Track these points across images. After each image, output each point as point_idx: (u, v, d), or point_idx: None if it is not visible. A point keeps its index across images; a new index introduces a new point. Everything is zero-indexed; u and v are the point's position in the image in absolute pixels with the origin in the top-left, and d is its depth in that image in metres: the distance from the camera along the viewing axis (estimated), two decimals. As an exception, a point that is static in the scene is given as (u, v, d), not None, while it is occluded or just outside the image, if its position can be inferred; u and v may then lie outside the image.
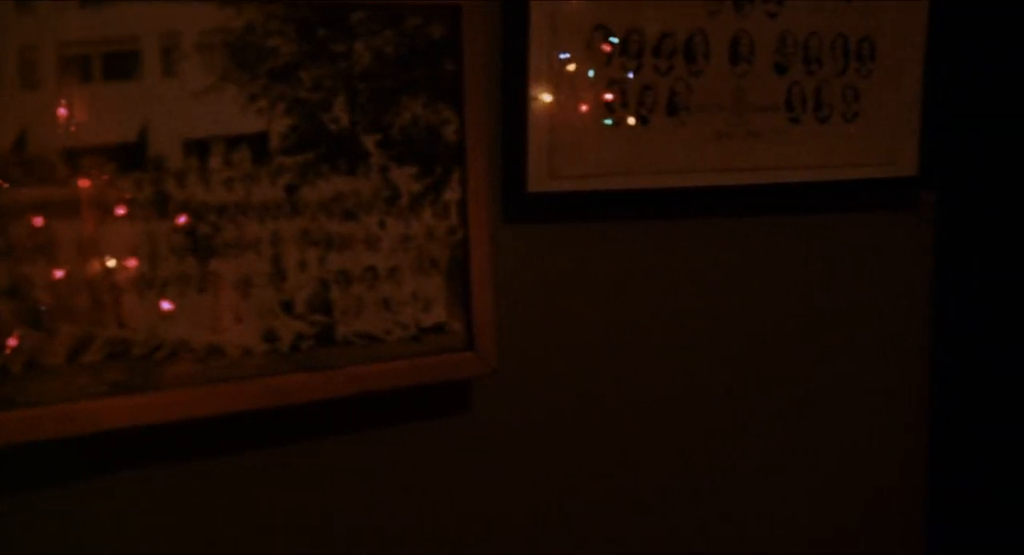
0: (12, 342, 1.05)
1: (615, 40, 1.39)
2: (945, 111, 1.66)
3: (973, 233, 1.71)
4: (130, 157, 1.10)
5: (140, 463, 1.16)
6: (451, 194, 1.29)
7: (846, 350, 1.67)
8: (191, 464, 1.19)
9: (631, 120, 1.42)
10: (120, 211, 1.10)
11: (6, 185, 1.04)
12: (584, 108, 1.38)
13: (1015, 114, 1.66)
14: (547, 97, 1.35)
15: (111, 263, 1.10)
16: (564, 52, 1.36)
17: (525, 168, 1.35)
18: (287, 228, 1.19)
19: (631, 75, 1.41)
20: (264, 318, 1.19)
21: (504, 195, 1.35)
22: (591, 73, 1.38)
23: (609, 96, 1.39)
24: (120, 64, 1.10)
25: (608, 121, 1.40)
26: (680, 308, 1.51)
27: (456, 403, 1.35)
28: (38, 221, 1.05)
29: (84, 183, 1.08)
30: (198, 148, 1.14)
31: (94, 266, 1.09)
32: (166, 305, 1.13)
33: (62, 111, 1.07)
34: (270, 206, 1.18)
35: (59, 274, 1.07)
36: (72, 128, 1.07)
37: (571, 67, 1.36)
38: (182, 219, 1.13)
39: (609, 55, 1.39)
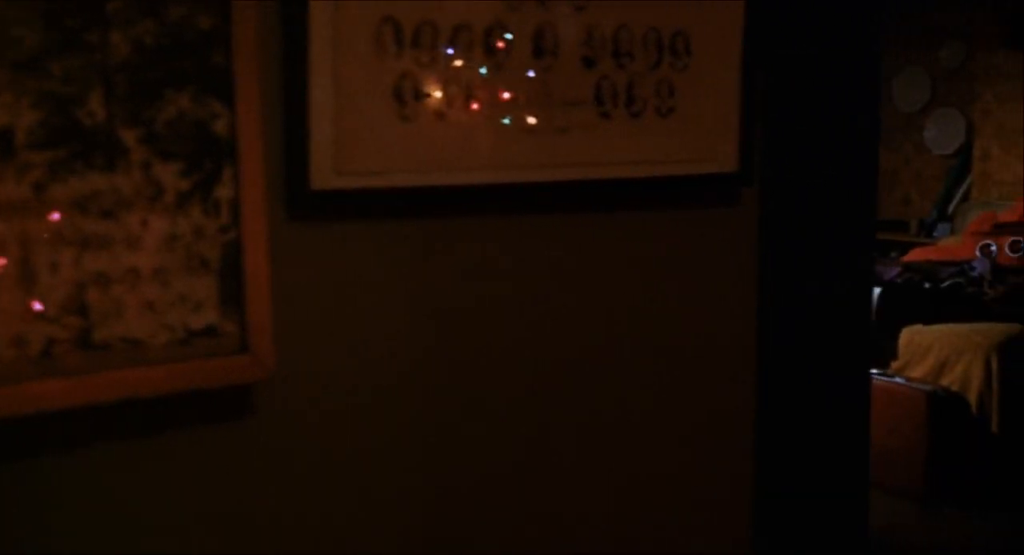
0: None
1: (408, 33, 1.35)
2: (768, 106, 1.65)
3: (796, 229, 1.70)
4: None
5: None
6: (223, 191, 1.24)
7: (669, 348, 1.64)
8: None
9: (427, 115, 1.38)
10: None
11: None
12: (373, 102, 1.34)
13: (832, 110, 1.65)
14: (331, 91, 1.30)
15: None
16: (349, 44, 1.31)
17: (307, 165, 1.30)
18: (36, 228, 1.14)
19: (426, 68, 1.37)
20: (10, 322, 1.13)
21: (287, 193, 1.31)
22: (381, 66, 1.34)
23: (402, 90, 1.35)
24: None
25: (401, 116, 1.36)
26: (485, 308, 1.48)
27: (238, 408, 1.30)
28: None
29: None
30: (-69, 144, 1.08)
31: None
32: None
33: None
34: (16, 205, 1.13)
35: None
36: None
37: (358, 60, 1.32)
38: (-86, 218, 1.07)
39: (401, 48, 1.35)
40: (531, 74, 1.45)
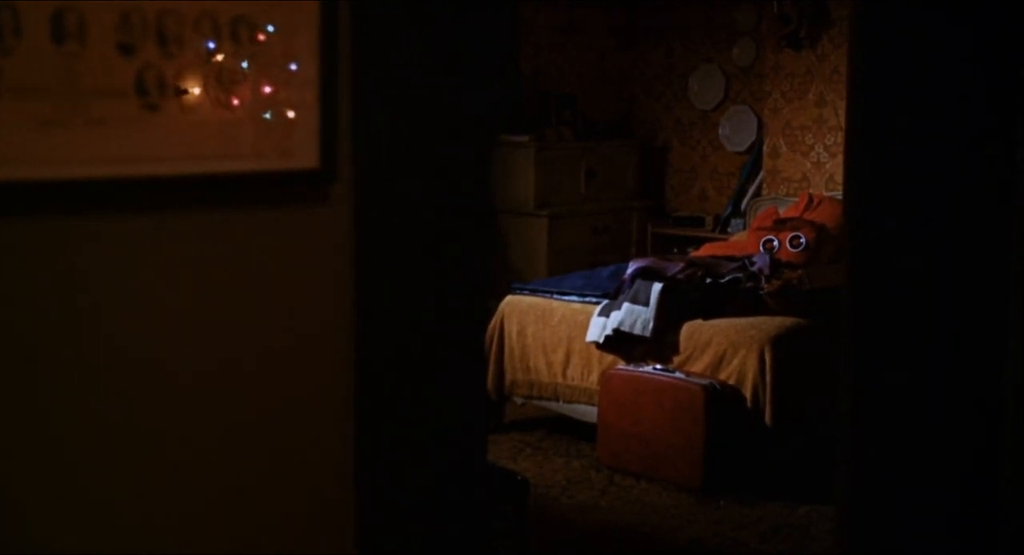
0: None
1: None
2: (363, 100, 1.56)
3: (400, 228, 1.61)
4: None
5: None
6: None
7: (261, 355, 1.54)
8: None
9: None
10: None
11: None
12: None
13: (438, 100, 1.58)
14: None
15: None
16: None
17: None
18: None
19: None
20: None
21: None
22: None
23: None
24: None
25: None
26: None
27: None
28: None
29: None
30: None
31: None
32: None
33: None
34: None
35: None
36: None
37: None
38: None
39: None
40: (52, 62, 1.32)
